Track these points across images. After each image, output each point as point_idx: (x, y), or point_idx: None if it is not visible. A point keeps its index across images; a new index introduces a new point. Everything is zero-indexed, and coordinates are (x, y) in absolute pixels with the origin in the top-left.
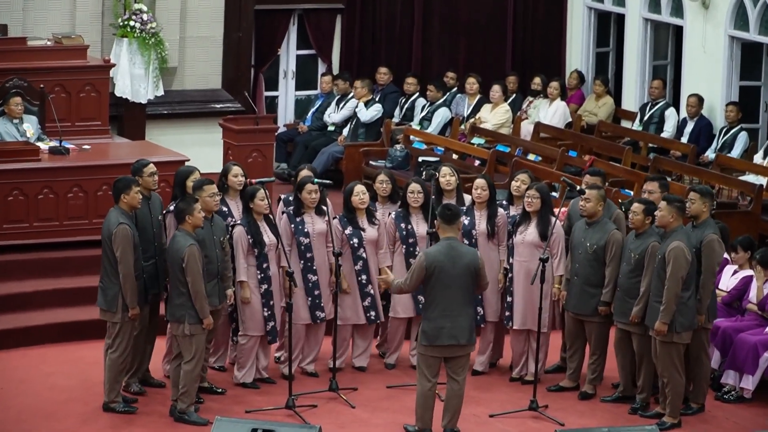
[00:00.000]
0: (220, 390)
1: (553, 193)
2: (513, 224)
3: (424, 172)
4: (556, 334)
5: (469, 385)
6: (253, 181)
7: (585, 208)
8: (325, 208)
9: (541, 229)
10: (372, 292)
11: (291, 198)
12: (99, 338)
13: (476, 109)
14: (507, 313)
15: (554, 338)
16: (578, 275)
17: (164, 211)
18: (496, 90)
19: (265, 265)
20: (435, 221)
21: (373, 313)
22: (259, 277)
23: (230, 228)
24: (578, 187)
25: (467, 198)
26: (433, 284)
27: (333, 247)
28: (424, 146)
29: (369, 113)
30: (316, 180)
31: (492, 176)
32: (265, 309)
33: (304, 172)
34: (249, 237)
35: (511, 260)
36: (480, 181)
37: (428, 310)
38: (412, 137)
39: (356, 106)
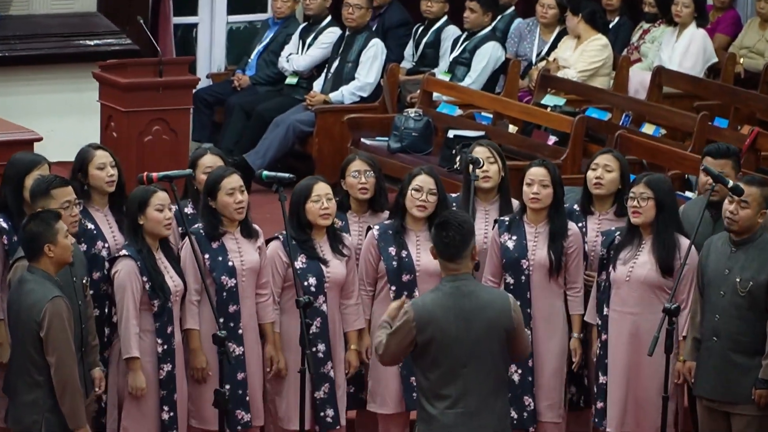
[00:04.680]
0: None
1: (688, 193)
2: (608, 247)
3: (458, 158)
4: None
5: None
6: (155, 176)
7: (737, 219)
8: (257, 228)
9: (661, 256)
10: (332, 374)
11: (190, 209)
12: None
13: (552, 46)
14: (599, 405)
15: None
16: (719, 335)
17: None
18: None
19: (169, 330)
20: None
21: (330, 413)
22: (160, 350)
23: (105, 262)
24: (730, 183)
25: (515, 203)
26: (432, 359)
27: (297, 294)
28: (458, 110)
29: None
30: (266, 173)
31: (579, 162)
32: (165, 407)
33: (209, 159)
34: (145, 279)
35: (605, 311)
36: (536, 171)
37: (427, 404)
38: (436, 95)
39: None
